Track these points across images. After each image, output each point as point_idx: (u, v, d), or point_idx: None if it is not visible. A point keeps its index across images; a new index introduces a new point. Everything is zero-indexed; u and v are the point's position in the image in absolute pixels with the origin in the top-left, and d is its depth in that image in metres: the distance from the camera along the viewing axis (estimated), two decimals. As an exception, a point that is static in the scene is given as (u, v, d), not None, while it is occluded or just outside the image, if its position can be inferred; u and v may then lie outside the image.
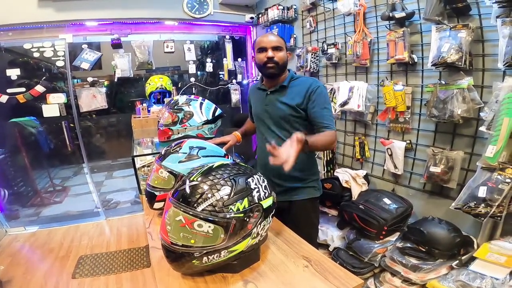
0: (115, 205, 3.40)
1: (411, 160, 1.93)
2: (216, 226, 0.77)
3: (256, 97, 1.59)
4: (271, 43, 1.38)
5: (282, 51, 1.39)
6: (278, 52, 1.38)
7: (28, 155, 3.08)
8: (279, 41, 1.40)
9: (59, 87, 2.91)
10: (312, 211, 1.56)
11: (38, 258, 2.52)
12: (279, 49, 1.38)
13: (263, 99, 1.50)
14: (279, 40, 1.41)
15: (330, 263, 0.97)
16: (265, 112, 1.49)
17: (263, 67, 1.41)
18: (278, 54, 1.38)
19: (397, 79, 1.90)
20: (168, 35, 3.18)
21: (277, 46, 1.38)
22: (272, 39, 1.39)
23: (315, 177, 1.54)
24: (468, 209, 1.41)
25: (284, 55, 1.41)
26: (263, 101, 1.50)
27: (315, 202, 1.56)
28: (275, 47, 1.38)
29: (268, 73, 1.42)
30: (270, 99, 1.47)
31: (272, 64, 1.38)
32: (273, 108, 1.45)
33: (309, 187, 1.51)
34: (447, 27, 1.50)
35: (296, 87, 1.42)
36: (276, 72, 1.40)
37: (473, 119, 1.55)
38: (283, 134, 1.44)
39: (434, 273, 1.53)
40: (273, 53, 1.37)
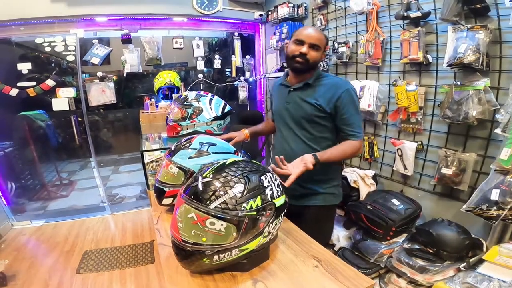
0: (121, 199, 3.42)
1: (421, 161, 1.91)
2: (228, 224, 0.76)
3: (278, 93, 1.50)
4: (310, 38, 1.27)
5: (318, 51, 1.29)
6: (314, 50, 1.28)
7: (36, 149, 3.11)
8: (320, 39, 1.29)
9: (69, 81, 2.93)
10: (328, 219, 1.48)
11: (43, 252, 2.54)
12: (316, 47, 1.28)
13: (285, 96, 1.42)
14: (320, 37, 1.30)
15: (340, 263, 0.95)
16: (286, 110, 1.40)
17: (291, 59, 1.31)
18: (313, 53, 1.28)
19: (410, 79, 1.87)
20: (177, 31, 3.17)
21: (315, 44, 1.28)
22: (313, 35, 1.28)
23: (335, 182, 1.45)
24: (479, 212, 1.39)
25: (318, 56, 1.31)
26: (285, 98, 1.41)
27: (332, 209, 1.47)
28: (312, 44, 1.27)
29: (293, 67, 1.33)
30: (292, 97, 1.38)
31: (301, 59, 1.28)
32: (295, 106, 1.37)
33: (328, 193, 1.41)
34: (464, 27, 1.47)
35: (323, 86, 1.32)
36: (302, 68, 1.31)
37: (487, 121, 1.53)
38: (303, 134, 1.37)
39: (441, 275, 1.52)
40: (308, 50, 1.27)
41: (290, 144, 1.40)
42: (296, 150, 1.35)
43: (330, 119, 1.32)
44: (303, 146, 1.36)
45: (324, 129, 1.35)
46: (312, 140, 1.36)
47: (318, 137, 1.35)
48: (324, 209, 1.41)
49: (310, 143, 1.36)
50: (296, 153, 1.33)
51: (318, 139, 1.36)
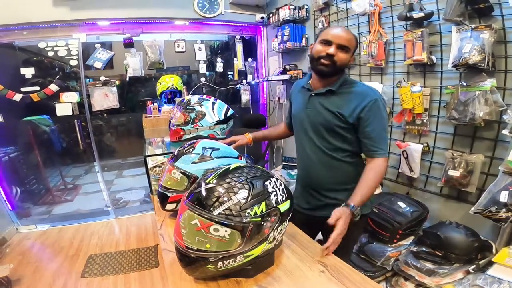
0: (125, 204, 3.42)
1: (427, 163, 1.89)
2: (232, 231, 0.75)
3: (299, 96, 1.38)
4: (339, 38, 1.15)
5: (347, 53, 1.17)
6: (343, 52, 1.16)
7: (40, 153, 3.13)
8: (349, 40, 1.17)
9: (72, 86, 2.95)
10: (356, 229, 1.27)
11: (48, 256, 2.55)
12: (345, 49, 1.16)
13: (305, 100, 1.30)
14: (350, 38, 1.17)
15: (347, 267, 0.93)
16: (306, 116, 1.29)
17: (316, 60, 1.19)
18: (341, 55, 1.16)
19: (414, 80, 1.85)
20: (179, 35, 3.19)
21: (344, 46, 1.16)
22: (342, 35, 1.16)
23: None
24: (488, 214, 1.38)
25: (346, 58, 1.18)
26: (305, 103, 1.30)
27: (362, 219, 1.25)
28: (341, 45, 1.16)
29: (318, 69, 1.21)
30: (313, 102, 1.27)
31: (328, 61, 1.16)
32: (315, 112, 1.26)
33: None
34: (468, 27, 1.45)
35: (348, 95, 1.21)
36: (328, 71, 1.19)
37: (495, 122, 1.51)
38: (322, 144, 1.26)
39: (450, 278, 1.50)
40: (335, 51, 1.15)
41: (307, 152, 1.31)
42: (315, 159, 1.29)
43: (352, 131, 1.21)
44: (323, 156, 1.27)
45: (345, 140, 1.24)
46: (332, 150, 1.25)
47: (338, 147, 1.25)
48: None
49: (330, 153, 1.26)
50: (315, 162, 1.28)
51: (338, 150, 1.25)
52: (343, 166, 1.26)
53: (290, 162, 2.99)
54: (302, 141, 1.34)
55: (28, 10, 2.48)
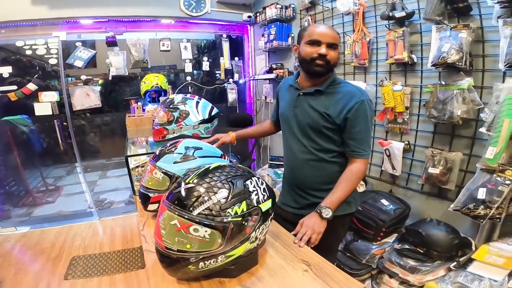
0: (109, 205, 3.35)
1: (409, 161, 1.92)
2: (213, 231, 0.74)
3: (286, 95, 1.37)
4: (327, 37, 1.16)
5: (336, 50, 1.19)
6: (333, 50, 1.17)
7: (19, 154, 3.03)
8: (336, 38, 1.18)
9: (52, 85, 2.86)
10: (341, 228, 1.35)
11: (29, 259, 2.45)
12: (334, 47, 1.17)
13: (293, 100, 1.30)
14: (335, 36, 1.19)
15: (330, 266, 0.94)
16: (293, 115, 1.29)
17: (310, 62, 1.18)
18: (332, 53, 1.17)
19: (396, 79, 1.88)
20: (164, 34, 3.14)
21: (333, 44, 1.16)
22: (329, 33, 1.17)
23: None
24: (467, 211, 1.40)
25: (337, 56, 1.20)
26: (293, 102, 1.29)
27: (346, 218, 1.32)
28: (330, 44, 1.16)
29: (314, 70, 1.20)
30: (300, 101, 1.26)
31: (322, 62, 1.16)
32: (302, 112, 1.25)
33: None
34: (447, 27, 1.49)
35: (335, 95, 1.21)
36: (323, 71, 1.19)
37: (472, 120, 1.54)
38: (309, 144, 1.26)
39: (432, 275, 1.52)
40: (327, 50, 1.15)
41: (294, 152, 1.31)
42: (301, 159, 1.29)
43: (339, 132, 1.21)
44: (310, 156, 1.27)
45: (331, 141, 1.24)
46: (319, 151, 1.26)
47: (324, 148, 1.25)
48: (338, 219, 1.23)
49: (317, 153, 1.26)
50: (301, 162, 1.28)
51: (325, 150, 1.26)
52: (329, 167, 1.27)
53: (276, 161, 3.00)
54: (288, 140, 1.34)
55: (6, 8, 2.39)
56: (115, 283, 2.12)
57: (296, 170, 1.32)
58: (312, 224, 1.12)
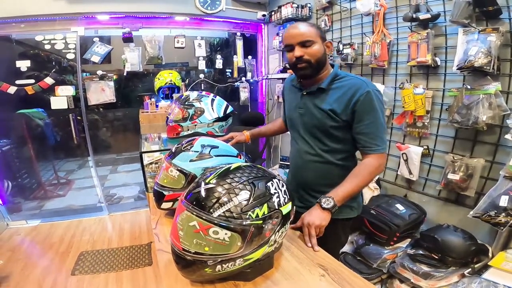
0: (119, 200, 3.37)
1: (426, 166, 1.88)
2: (233, 234, 0.71)
3: (290, 95, 1.33)
4: (296, 37, 1.11)
5: (314, 45, 1.11)
6: (309, 47, 1.11)
7: (33, 147, 3.07)
8: (308, 33, 1.11)
9: (68, 80, 2.89)
10: (343, 232, 1.32)
11: (38, 253, 2.49)
12: (309, 43, 1.10)
13: (297, 100, 1.26)
14: (308, 30, 1.12)
15: (348, 271, 0.91)
16: (299, 116, 1.25)
17: (294, 68, 1.17)
18: (309, 50, 1.11)
19: (417, 82, 1.83)
20: (178, 31, 3.14)
21: (305, 41, 1.10)
22: (298, 32, 1.11)
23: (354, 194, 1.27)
24: (487, 218, 1.37)
25: (317, 50, 1.11)
26: (297, 103, 1.26)
27: (348, 222, 1.29)
28: (302, 42, 1.11)
29: (299, 74, 1.18)
30: (305, 102, 1.22)
31: (302, 64, 1.12)
32: (307, 113, 1.21)
33: (345, 205, 1.16)
34: (475, 30, 1.44)
35: (339, 89, 1.14)
36: (311, 72, 1.14)
37: (497, 126, 1.49)
38: (317, 145, 1.22)
39: (445, 281, 1.50)
40: (301, 50, 1.11)
41: (300, 152, 1.28)
42: (308, 160, 1.25)
43: (347, 130, 1.15)
44: (317, 158, 1.23)
45: (340, 141, 1.19)
46: (326, 152, 1.21)
47: (333, 149, 1.20)
48: (339, 222, 1.21)
49: (324, 155, 1.21)
50: (308, 163, 1.25)
51: (333, 152, 1.21)
52: (335, 170, 1.22)
53: (287, 161, 2.97)
54: (296, 140, 1.30)
55: (26, 3, 2.43)
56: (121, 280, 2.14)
57: (302, 171, 1.29)
58: (313, 219, 1.04)
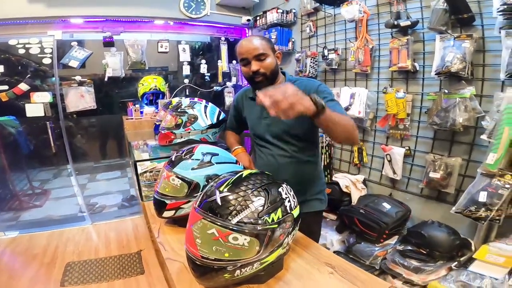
0: (101, 209, 3.24)
1: (409, 166, 1.98)
2: (252, 238, 0.74)
3: (249, 108, 1.38)
4: (251, 52, 1.17)
5: (268, 58, 1.18)
6: (263, 60, 1.18)
7: (6, 156, 2.88)
8: (262, 46, 1.17)
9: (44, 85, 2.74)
10: (315, 225, 1.43)
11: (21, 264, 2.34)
12: (263, 56, 1.17)
13: (259, 111, 1.31)
14: (261, 44, 1.18)
15: (353, 268, 0.95)
16: (266, 126, 1.31)
17: (251, 81, 1.24)
18: (264, 63, 1.18)
19: (397, 86, 1.94)
20: (162, 35, 3.09)
21: (260, 54, 1.17)
22: (252, 47, 1.17)
23: (321, 188, 1.41)
24: (468, 213, 1.46)
25: (271, 62, 1.19)
26: (261, 113, 1.31)
27: (319, 215, 1.44)
28: (257, 56, 1.17)
29: (257, 87, 1.22)
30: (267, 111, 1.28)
31: (260, 77, 1.19)
32: (274, 121, 1.25)
33: (314, 199, 1.36)
34: (451, 36, 1.55)
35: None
36: (266, 84, 1.18)
37: (472, 127, 1.62)
38: (289, 148, 1.29)
39: (435, 275, 1.58)
40: (257, 64, 1.17)
41: (274, 157, 1.34)
42: (282, 162, 1.32)
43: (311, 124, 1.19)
44: (289, 159, 1.31)
45: (309, 140, 1.30)
46: (298, 152, 1.31)
47: (303, 147, 1.31)
48: (311, 215, 1.34)
49: (296, 154, 1.31)
50: (281, 165, 1.31)
51: (304, 149, 1.31)
52: (306, 166, 1.33)
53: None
54: (265, 147, 1.36)
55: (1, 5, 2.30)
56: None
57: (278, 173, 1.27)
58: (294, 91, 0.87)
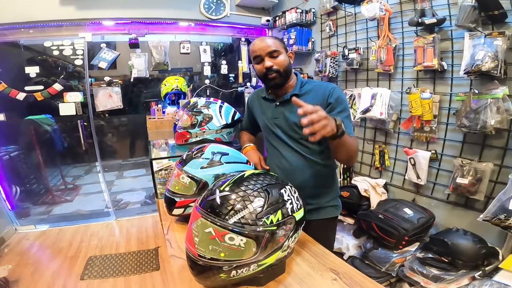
0: (125, 205, 3.40)
1: (434, 171, 1.87)
2: (248, 240, 0.73)
3: (261, 108, 1.40)
4: (265, 49, 1.20)
5: (281, 55, 1.22)
6: (276, 57, 1.21)
7: (41, 153, 3.10)
8: (275, 44, 1.22)
9: (76, 86, 2.92)
10: (331, 231, 1.42)
11: (47, 258, 2.52)
12: (276, 53, 1.21)
13: (271, 112, 1.33)
14: (274, 42, 1.22)
15: (360, 275, 0.91)
16: (277, 127, 1.31)
17: (265, 79, 1.25)
18: (277, 60, 1.21)
19: (423, 86, 1.84)
20: (184, 36, 3.17)
21: (273, 51, 1.20)
22: (265, 45, 1.21)
23: (336, 193, 1.39)
24: (497, 221, 1.38)
25: (284, 59, 1.22)
26: (272, 114, 1.32)
27: (334, 221, 1.41)
28: (271, 53, 1.20)
29: (271, 84, 1.26)
30: (280, 112, 1.29)
31: (273, 74, 1.21)
32: (285, 121, 1.27)
33: (329, 206, 1.34)
34: (481, 34, 1.44)
35: (310, 92, 1.25)
36: (281, 81, 1.24)
37: (505, 130, 1.49)
38: (302, 149, 1.27)
39: (455, 284, 1.50)
40: (270, 60, 1.20)
41: (288, 159, 1.31)
42: (296, 165, 1.29)
43: None
44: (303, 162, 1.28)
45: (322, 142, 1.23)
46: (311, 154, 1.27)
47: (317, 150, 1.27)
48: (327, 222, 1.35)
49: (311, 157, 1.27)
50: (296, 168, 1.29)
51: (317, 152, 1.27)
52: (322, 170, 1.29)
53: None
54: (278, 149, 1.33)
55: (35, 9, 2.46)
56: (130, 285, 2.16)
57: (292, 177, 1.28)
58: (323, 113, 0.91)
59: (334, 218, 1.39)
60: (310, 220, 1.27)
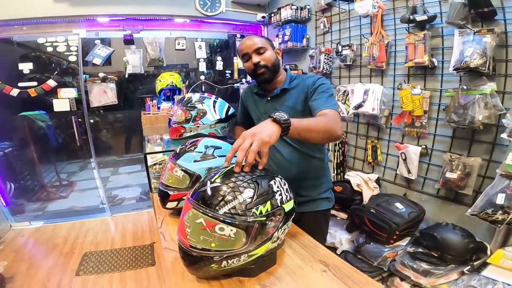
0: (120, 201, 3.40)
1: (425, 165, 1.90)
2: (238, 230, 0.74)
3: (253, 103, 1.44)
4: (251, 46, 1.25)
5: (267, 51, 1.26)
6: (263, 54, 1.25)
7: (36, 149, 3.09)
8: (261, 42, 1.26)
9: (70, 82, 2.91)
10: (324, 223, 1.44)
11: (42, 254, 2.52)
12: (262, 49, 1.25)
13: (263, 107, 1.36)
14: (260, 40, 1.27)
15: (349, 267, 0.93)
16: None
17: (254, 75, 1.29)
18: (264, 56, 1.25)
19: (414, 82, 1.86)
20: (179, 32, 3.17)
21: (259, 48, 1.25)
22: (251, 42, 1.26)
23: (328, 186, 1.41)
24: (485, 216, 1.40)
25: (271, 55, 1.27)
26: (264, 109, 1.35)
27: (326, 213, 1.44)
28: (257, 50, 1.25)
29: (261, 79, 1.30)
30: (271, 106, 1.32)
31: (262, 69, 1.26)
32: None
33: (322, 198, 1.38)
34: (470, 31, 1.46)
35: (298, 86, 1.29)
36: (270, 76, 1.28)
37: (493, 125, 1.52)
38: (294, 142, 1.30)
39: (445, 278, 1.53)
40: (257, 57, 1.25)
41: (281, 152, 1.33)
42: (288, 158, 1.32)
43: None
44: (296, 154, 1.31)
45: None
46: (304, 147, 1.30)
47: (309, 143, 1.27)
48: (320, 214, 1.38)
49: (303, 150, 1.30)
50: (288, 161, 1.31)
51: (310, 145, 1.30)
52: (314, 162, 1.34)
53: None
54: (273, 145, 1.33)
55: (28, 5, 2.45)
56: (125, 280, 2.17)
57: (286, 169, 1.31)
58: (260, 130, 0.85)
59: (327, 211, 1.42)
60: (303, 212, 1.32)
